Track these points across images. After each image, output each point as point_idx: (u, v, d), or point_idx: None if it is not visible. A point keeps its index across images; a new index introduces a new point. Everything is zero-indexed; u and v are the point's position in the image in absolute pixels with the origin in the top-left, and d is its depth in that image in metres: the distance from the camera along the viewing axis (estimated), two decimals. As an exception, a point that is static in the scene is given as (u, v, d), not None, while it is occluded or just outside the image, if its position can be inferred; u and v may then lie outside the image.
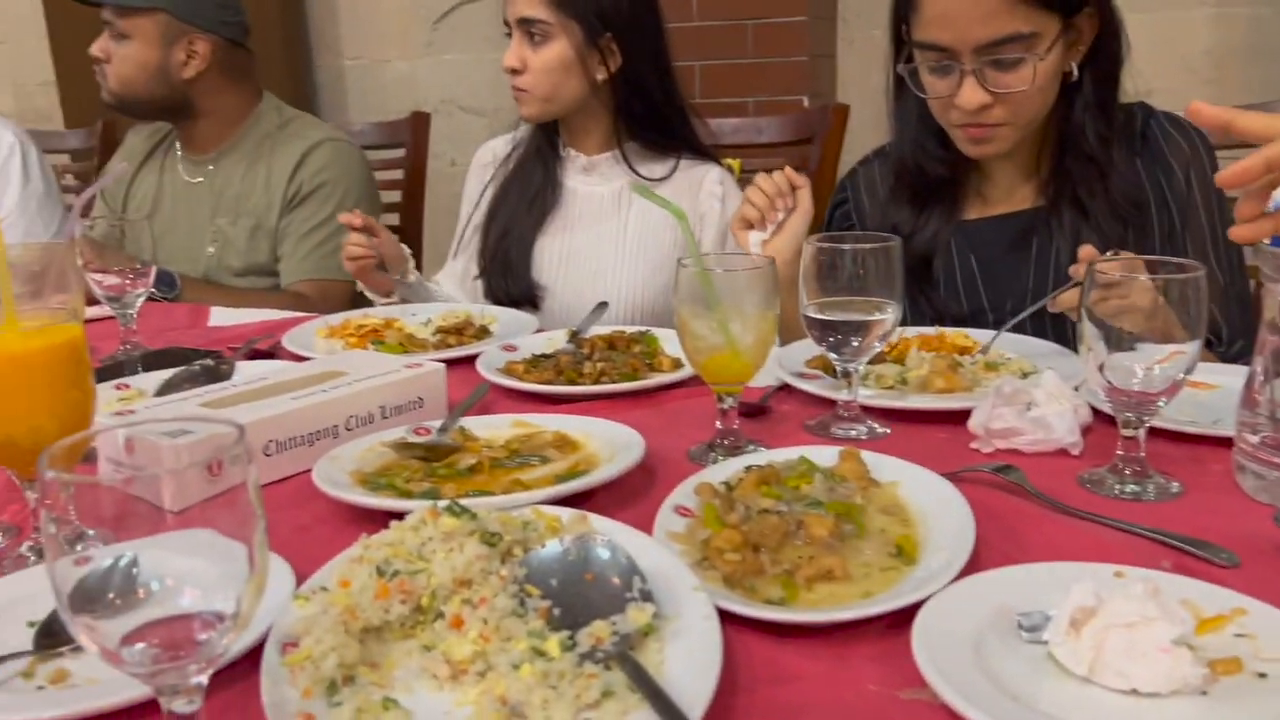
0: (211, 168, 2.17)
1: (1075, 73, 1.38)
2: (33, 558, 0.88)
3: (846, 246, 1.06)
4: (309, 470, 0.99)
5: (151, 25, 2.04)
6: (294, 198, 2.10)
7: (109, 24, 2.04)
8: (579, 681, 0.63)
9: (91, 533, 0.56)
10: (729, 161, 2.18)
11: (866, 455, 0.94)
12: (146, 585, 0.56)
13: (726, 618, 0.71)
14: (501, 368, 1.34)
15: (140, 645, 0.55)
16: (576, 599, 0.71)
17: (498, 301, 1.81)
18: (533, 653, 0.65)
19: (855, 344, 1.07)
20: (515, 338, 1.49)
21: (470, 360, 1.37)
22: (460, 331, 1.55)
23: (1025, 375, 1.22)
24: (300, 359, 1.43)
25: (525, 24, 1.71)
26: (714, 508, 0.85)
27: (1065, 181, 1.44)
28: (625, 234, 1.82)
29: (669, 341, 1.40)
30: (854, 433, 1.10)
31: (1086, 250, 1.18)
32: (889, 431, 1.10)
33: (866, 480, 0.90)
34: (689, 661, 0.65)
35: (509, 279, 1.83)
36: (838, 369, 1.11)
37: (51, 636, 0.72)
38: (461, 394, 1.22)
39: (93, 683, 0.68)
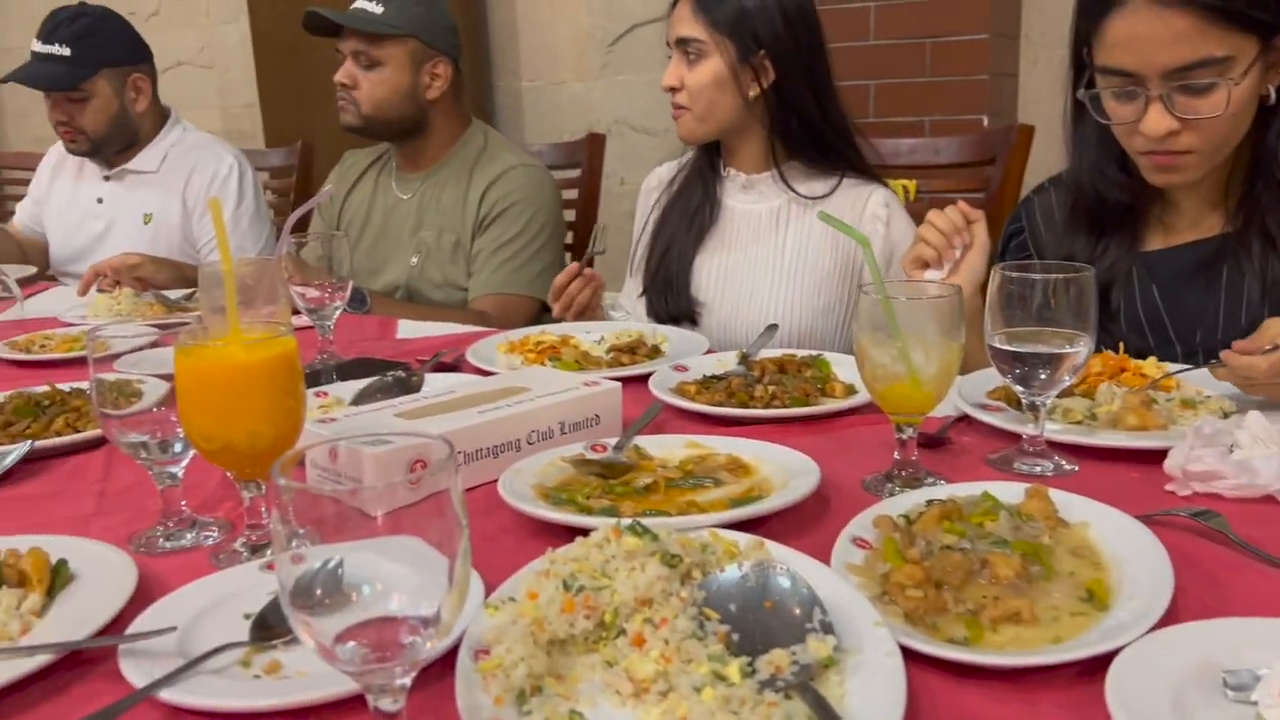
0: (421, 185, 2.30)
1: (1273, 96, 1.29)
2: (245, 553, 0.95)
3: (1037, 276, 1.03)
4: (492, 481, 1.03)
5: (403, 52, 2.18)
6: (486, 218, 2.20)
7: (360, 53, 2.18)
8: (760, 709, 0.63)
9: (302, 531, 0.60)
10: (903, 183, 2.15)
11: (1054, 493, 0.91)
12: (358, 588, 0.60)
13: (907, 655, 0.70)
14: (673, 388, 1.36)
15: (352, 644, 0.59)
16: (755, 626, 0.72)
17: (659, 319, 1.84)
18: (714, 676, 0.66)
19: (1043, 377, 1.04)
20: (686, 358, 1.51)
21: (642, 379, 1.40)
22: (633, 350, 1.58)
23: (1226, 415, 1.15)
24: (482, 372, 1.50)
25: (683, 43, 1.75)
26: (894, 541, 0.84)
27: (1255, 209, 1.35)
28: (783, 254, 1.82)
29: (841, 366, 1.39)
30: (1040, 469, 1.06)
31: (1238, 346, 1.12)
32: (1077, 469, 1.06)
33: (1055, 520, 0.88)
34: (871, 697, 0.65)
35: (669, 296, 1.87)
36: (1023, 402, 1.07)
37: (266, 629, 0.78)
38: (634, 412, 1.24)
39: (303, 675, 0.73)
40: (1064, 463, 1.07)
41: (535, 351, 1.61)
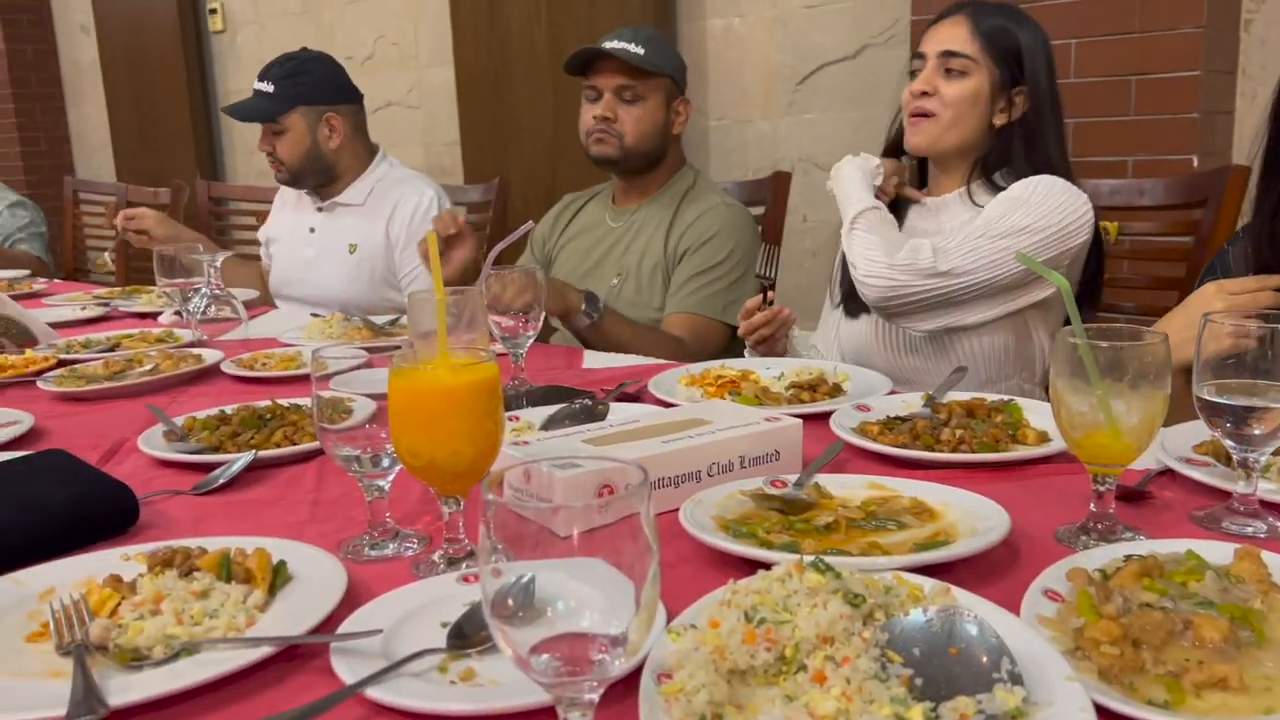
0: (632, 216, 2.41)
1: None
2: (442, 565, 1.00)
3: (1253, 325, 0.98)
4: (673, 510, 1.05)
5: (660, 89, 2.33)
6: (688, 249, 2.29)
7: (624, 88, 2.30)
8: (944, 755, 0.63)
9: (500, 547, 0.64)
10: (1104, 224, 2.06)
11: (1268, 556, 0.86)
12: (552, 603, 0.63)
13: (1101, 713, 0.67)
14: (855, 427, 1.35)
15: (545, 656, 0.62)
16: (940, 671, 0.71)
17: None
18: (896, 719, 0.66)
19: (1258, 432, 0.98)
20: (869, 397, 1.50)
21: (822, 417, 1.40)
22: (814, 388, 1.58)
23: None
24: (663, 404, 1.53)
25: (948, 56, 1.78)
26: (1089, 595, 0.81)
27: None
28: None
29: (1034, 412, 1.35)
30: (1251, 530, 1.00)
31: None
32: (1294, 533, 0.99)
33: (1268, 584, 0.82)
34: (1062, 753, 0.63)
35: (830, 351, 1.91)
36: (1234, 458, 1.01)
37: (462, 638, 0.82)
38: (814, 450, 1.24)
39: (495, 685, 0.77)
40: (1279, 524, 1.00)
41: (715, 385, 1.63)
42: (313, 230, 2.88)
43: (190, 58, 6.20)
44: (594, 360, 1.95)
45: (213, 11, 6.11)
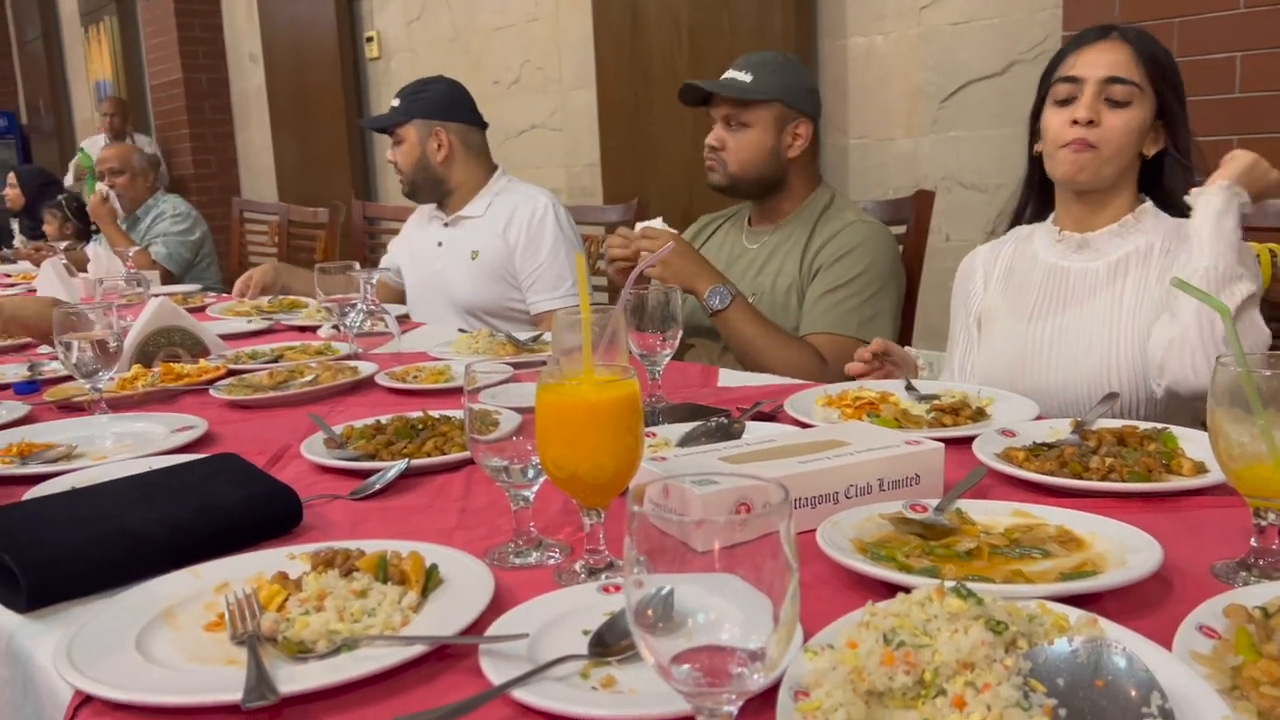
0: (768, 238, 2.42)
1: None
2: (583, 575, 1.03)
3: None
4: (810, 531, 1.06)
5: (769, 114, 2.35)
6: (822, 266, 2.28)
7: (729, 117, 2.36)
8: (1088, 788, 0.62)
9: (643, 559, 0.66)
10: (1270, 246, 1.96)
11: None
12: (693, 615, 0.65)
13: (1260, 756, 0.65)
14: (1000, 452, 1.32)
15: (686, 667, 0.64)
16: (1085, 704, 0.69)
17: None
18: (1038, 748, 0.65)
19: None
20: (1014, 423, 1.47)
21: (964, 441, 1.37)
22: (956, 412, 1.55)
23: None
24: (799, 424, 1.53)
25: (1112, 83, 1.70)
26: (1248, 633, 0.78)
27: None
28: (1121, 304, 1.72)
29: (1190, 442, 1.30)
30: None
31: None
32: None
33: None
34: (1216, 794, 0.61)
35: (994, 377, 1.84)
36: None
37: (603, 646, 0.85)
38: (956, 474, 1.23)
39: (635, 693, 0.80)
40: None
41: (854, 407, 1.62)
42: (440, 245, 3.05)
43: (348, 84, 6.54)
44: (729, 379, 1.96)
45: (369, 40, 6.42)
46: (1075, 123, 1.71)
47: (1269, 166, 1.63)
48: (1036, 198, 1.91)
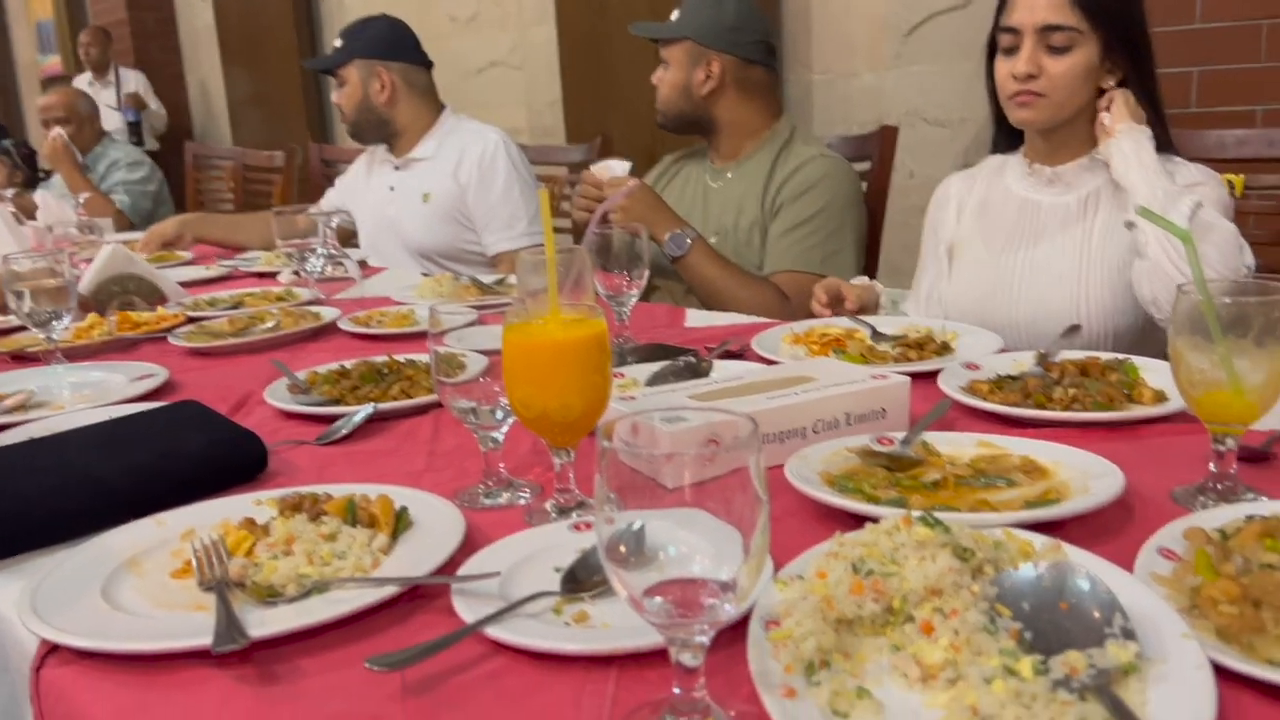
0: (729, 175, 2.40)
1: None
2: (554, 514, 1.03)
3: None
4: (778, 466, 1.06)
5: (681, 52, 2.34)
6: (784, 202, 2.27)
7: (660, 53, 2.37)
8: (1053, 706, 0.63)
9: (613, 496, 0.66)
10: (1229, 177, 1.98)
11: (1402, 520, 0.82)
12: (664, 549, 0.65)
13: (1218, 672, 0.66)
14: (964, 386, 1.34)
15: (659, 599, 0.65)
16: (1050, 626, 0.71)
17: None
18: (1005, 670, 0.66)
19: (1393, 392, 0.94)
20: (978, 356, 1.48)
21: (929, 376, 1.38)
22: (921, 346, 1.56)
23: None
24: (767, 362, 1.53)
25: (1049, 30, 1.67)
26: (1207, 555, 0.79)
27: None
28: (1090, 240, 1.73)
29: (1151, 371, 1.31)
30: (1384, 493, 0.96)
31: None
32: None
33: (1401, 548, 0.79)
34: (1176, 708, 0.63)
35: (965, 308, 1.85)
36: (1367, 418, 0.97)
37: (575, 582, 0.85)
38: (921, 408, 1.23)
39: (607, 627, 0.80)
40: None
41: (820, 343, 1.62)
42: (392, 189, 3.01)
43: (300, 21, 6.37)
44: (696, 319, 1.96)
45: (322, -26, 6.25)
46: (1017, 77, 1.70)
47: (1135, 100, 1.69)
48: (1004, 133, 1.90)
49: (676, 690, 0.67)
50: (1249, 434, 1.01)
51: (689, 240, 2.14)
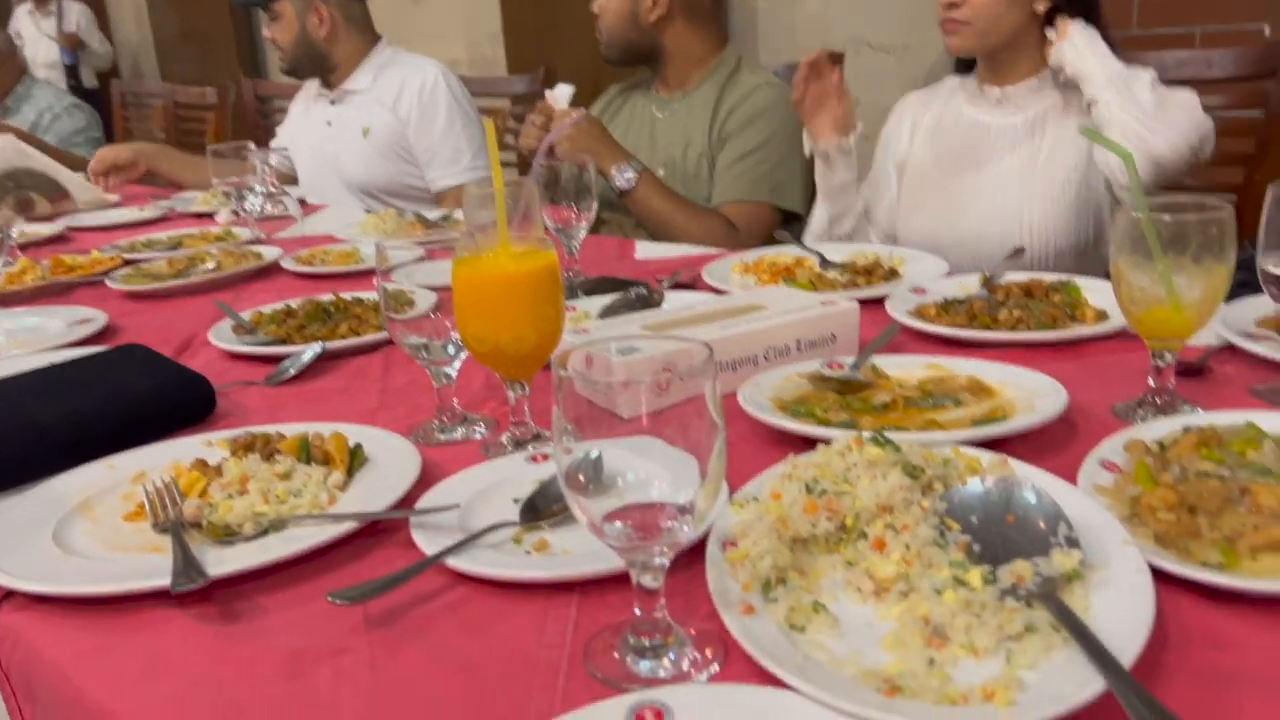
0: (675, 106, 2.37)
1: None
2: (510, 447, 1.04)
3: (1322, 195, 0.96)
4: (731, 394, 1.07)
5: None
6: (731, 132, 2.25)
7: None
8: (1001, 613, 0.65)
9: (570, 426, 0.66)
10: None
11: (1329, 427, 0.86)
12: (622, 475, 0.66)
13: (1157, 576, 0.69)
14: (912, 310, 1.35)
15: (618, 524, 0.66)
16: (997, 537, 0.73)
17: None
18: (955, 581, 0.69)
19: (1323, 305, 0.97)
20: (925, 280, 1.50)
21: (878, 301, 1.40)
22: (870, 272, 1.57)
23: None
24: (718, 292, 1.54)
25: None
26: (1146, 465, 0.82)
27: None
28: (1036, 162, 1.75)
29: (1093, 292, 1.34)
30: (1313, 402, 1.00)
31: None
32: (1357, 404, 0.99)
33: (1328, 453, 0.83)
34: (1117, 611, 0.65)
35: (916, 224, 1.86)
36: (1298, 331, 1.01)
37: (534, 512, 0.86)
38: (870, 334, 1.25)
39: (568, 554, 0.81)
40: (1343, 397, 1.00)
41: (770, 272, 1.63)
42: (329, 124, 2.93)
43: (227, -48, 6.12)
44: (647, 251, 1.95)
45: (249, -97, 6.00)
46: (942, 5, 1.72)
47: None
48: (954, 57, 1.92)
49: (638, 612, 0.69)
50: (1186, 349, 1.04)
51: (636, 173, 2.12)
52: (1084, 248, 1.74)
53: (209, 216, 2.59)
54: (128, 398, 1.13)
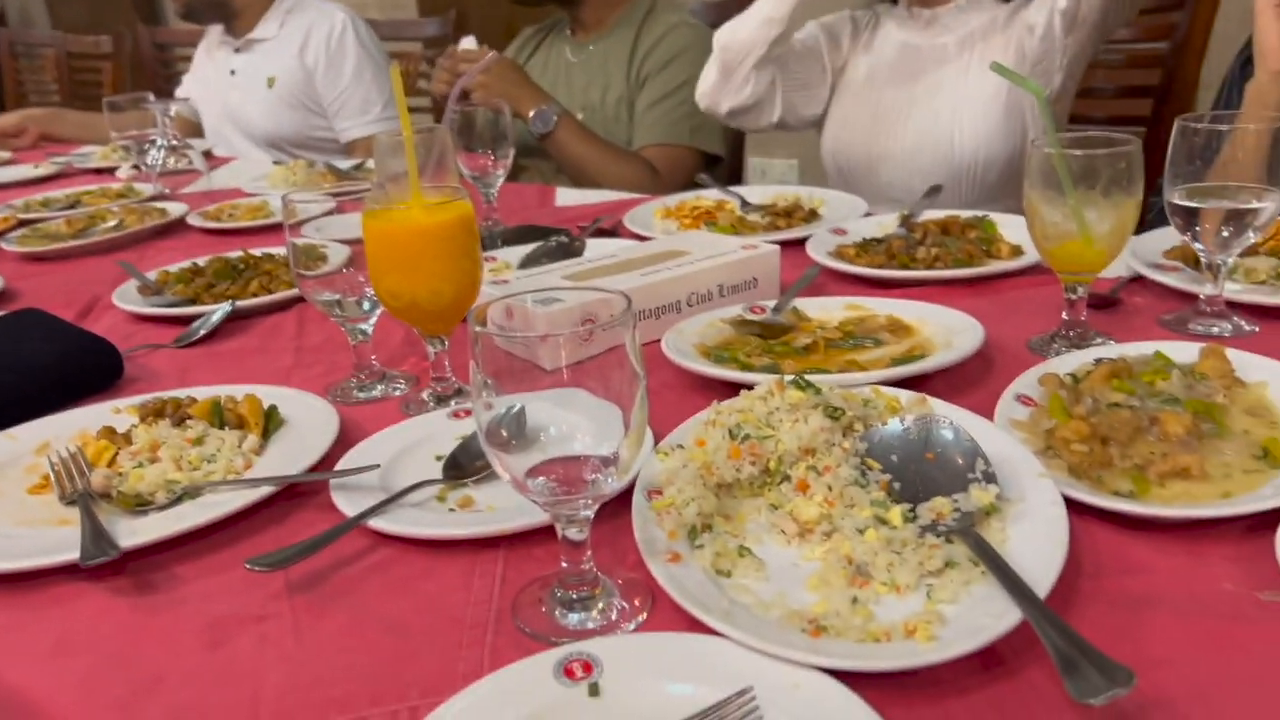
0: (591, 49, 2.33)
1: None
2: (431, 403, 1.02)
3: (1224, 127, 0.98)
4: (655, 341, 1.07)
5: None
6: (650, 74, 2.22)
7: None
8: (921, 550, 0.66)
9: (490, 382, 0.65)
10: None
11: (1232, 353, 0.88)
12: (545, 429, 0.65)
13: (1071, 507, 0.71)
14: (832, 251, 1.36)
15: (542, 479, 0.65)
16: (917, 475, 0.74)
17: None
18: (876, 520, 0.69)
19: (1225, 235, 0.99)
20: (845, 221, 1.50)
21: (799, 243, 1.40)
22: (790, 214, 1.57)
23: None
24: (640, 238, 1.53)
25: None
26: (1060, 398, 0.84)
27: None
28: (966, 78, 1.77)
29: (1008, 227, 1.36)
30: (1217, 329, 1.03)
31: None
32: (1257, 329, 1.02)
33: (1230, 379, 0.85)
34: (1033, 543, 0.67)
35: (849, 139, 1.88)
36: (1202, 261, 1.03)
37: (458, 469, 0.85)
38: (792, 276, 1.25)
39: (493, 510, 0.80)
40: (1244, 323, 1.03)
41: (691, 217, 1.62)
42: (233, 73, 2.83)
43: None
44: (567, 198, 1.93)
45: None
46: None
47: None
48: None
49: (565, 564, 0.68)
50: (1098, 282, 1.06)
51: (555, 116, 2.08)
52: (1013, 155, 1.77)
53: (109, 172, 2.49)
54: (28, 365, 1.09)
